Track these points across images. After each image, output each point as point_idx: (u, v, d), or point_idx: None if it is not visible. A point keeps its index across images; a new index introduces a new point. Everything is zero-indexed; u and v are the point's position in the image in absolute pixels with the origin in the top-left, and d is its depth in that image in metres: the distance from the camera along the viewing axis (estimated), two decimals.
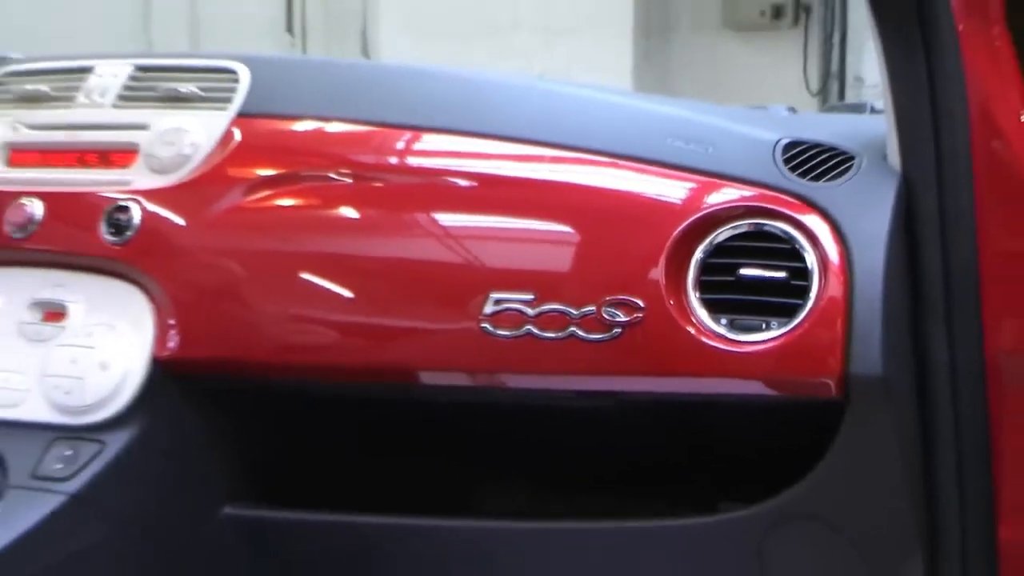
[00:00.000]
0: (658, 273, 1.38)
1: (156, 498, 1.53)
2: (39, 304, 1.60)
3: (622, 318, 1.38)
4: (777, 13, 6.34)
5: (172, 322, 1.54)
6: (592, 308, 1.38)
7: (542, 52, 5.92)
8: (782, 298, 1.36)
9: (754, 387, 1.36)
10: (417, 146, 1.56)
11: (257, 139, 1.60)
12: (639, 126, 1.51)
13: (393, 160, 1.56)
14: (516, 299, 1.41)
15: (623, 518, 1.48)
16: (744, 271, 1.37)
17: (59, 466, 1.49)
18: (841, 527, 1.37)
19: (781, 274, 1.37)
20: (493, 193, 1.50)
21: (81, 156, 1.65)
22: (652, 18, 6.31)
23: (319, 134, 1.61)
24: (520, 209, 1.47)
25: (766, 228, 1.39)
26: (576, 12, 6.07)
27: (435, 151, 1.55)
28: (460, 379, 1.48)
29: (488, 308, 1.42)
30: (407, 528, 1.54)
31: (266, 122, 1.61)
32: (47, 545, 1.45)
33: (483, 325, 1.42)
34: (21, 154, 1.69)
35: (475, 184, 1.51)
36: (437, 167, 1.54)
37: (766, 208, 1.39)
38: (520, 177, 1.50)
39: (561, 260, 1.43)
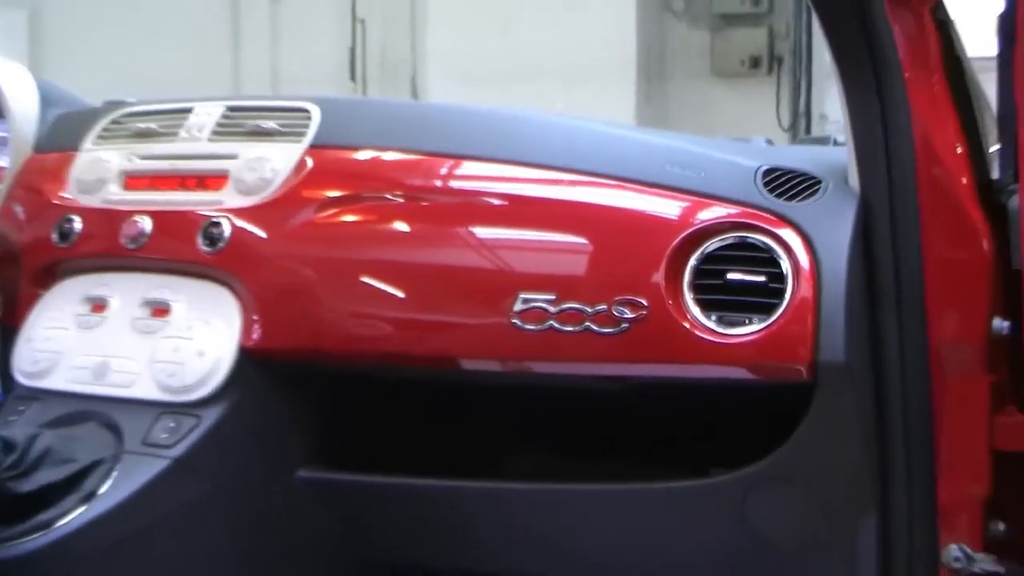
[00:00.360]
0: (659, 277, 1.39)
1: (242, 462, 1.55)
2: (148, 303, 1.61)
3: (629, 315, 1.39)
4: (755, 63, 6.37)
5: (256, 317, 1.56)
6: (604, 306, 1.40)
7: (562, 95, 5.91)
8: (762, 298, 1.37)
9: (739, 372, 1.38)
10: (458, 171, 1.57)
11: (326, 166, 1.61)
12: (642, 155, 1.51)
13: (438, 183, 1.57)
14: (540, 299, 1.42)
15: (632, 480, 1.48)
16: (731, 275, 1.39)
17: (164, 435, 1.51)
18: (810, 488, 1.38)
19: (761, 278, 1.38)
20: (521, 210, 1.51)
21: (182, 181, 1.67)
22: (652, 68, 6.31)
23: (377, 162, 1.62)
24: (543, 224, 1.48)
25: (749, 240, 1.40)
26: (590, 62, 6.06)
27: (473, 175, 1.56)
28: (493, 365, 1.49)
29: (517, 306, 1.43)
30: (447, 489, 1.55)
31: (333, 152, 1.62)
32: (156, 499, 1.47)
33: (513, 321, 1.43)
34: (134, 180, 1.71)
35: (506, 203, 1.52)
36: (474, 188, 1.55)
37: (749, 223, 1.40)
38: (543, 197, 1.51)
39: (578, 266, 1.44)
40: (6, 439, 1.44)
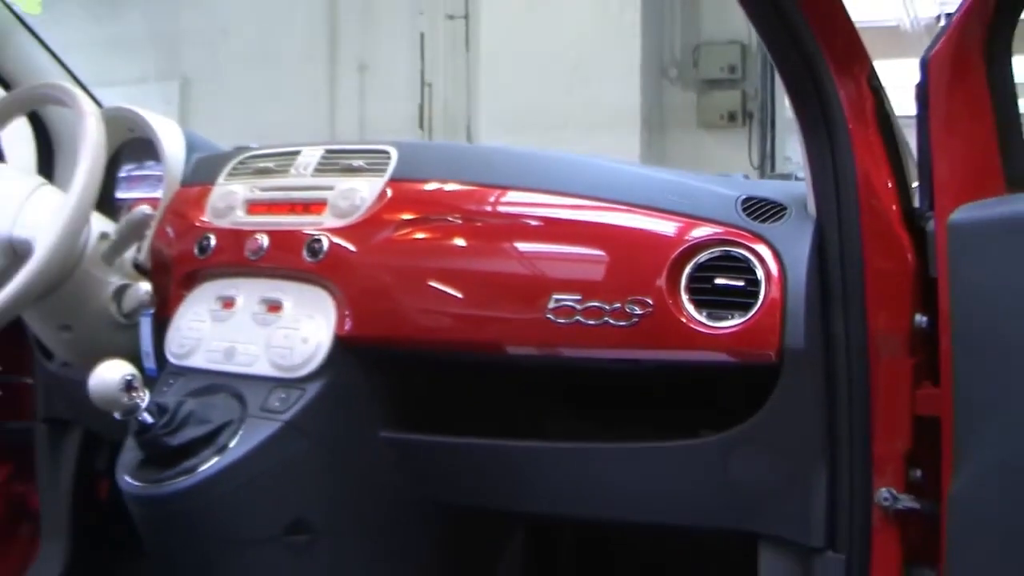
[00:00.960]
0: (661, 282, 1.37)
1: (337, 424, 1.53)
2: (265, 301, 1.59)
3: (638, 311, 1.36)
4: (732, 117, 6.39)
5: (347, 312, 1.53)
6: (619, 304, 1.37)
7: (583, 140, 5.91)
8: (741, 298, 1.34)
9: (723, 356, 1.35)
10: (504, 198, 1.54)
11: (401, 195, 1.59)
12: (648, 186, 1.49)
13: (488, 208, 1.54)
14: (569, 298, 1.40)
15: (640, 440, 1.46)
16: (717, 280, 1.36)
17: (277, 403, 1.49)
18: (776, 446, 1.35)
19: (741, 283, 1.35)
20: (553, 229, 1.49)
21: (292, 207, 1.65)
22: (652, 120, 6.31)
23: (441, 191, 1.59)
24: (571, 239, 1.46)
25: (731, 253, 1.37)
26: (604, 115, 6.07)
27: (516, 202, 1.53)
28: (532, 351, 1.46)
29: (551, 304, 1.41)
30: (496, 447, 1.53)
31: (407, 184, 1.60)
32: (271, 452, 1.47)
33: (547, 316, 1.41)
34: (255, 206, 1.69)
35: (542, 223, 1.49)
36: (517, 212, 1.52)
37: (731, 239, 1.37)
38: (571, 218, 1.48)
39: (598, 273, 1.41)
40: (160, 404, 1.45)
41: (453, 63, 7.12)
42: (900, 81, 1.72)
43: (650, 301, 1.37)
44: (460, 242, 1.52)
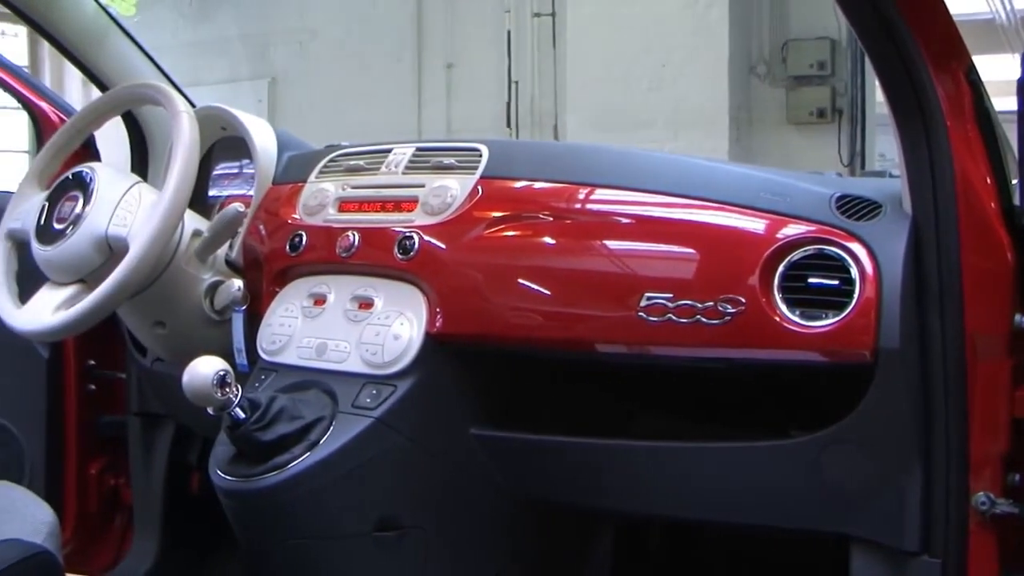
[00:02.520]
0: (754, 280, 1.35)
1: (427, 421, 1.54)
2: (356, 298, 1.61)
3: (731, 310, 1.35)
4: (821, 114, 6.28)
5: (438, 309, 1.55)
6: (711, 303, 1.36)
7: (671, 139, 5.88)
8: (835, 297, 1.33)
9: (817, 356, 1.33)
10: (595, 196, 1.53)
11: (492, 193, 1.59)
12: (741, 184, 1.47)
13: (579, 205, 1.53)
14: (661, 297, 1.39)
15: (729, 440, 1.45)
16: (811, 279, 1.35)
17: (368, 400, 1.51)
18: (870, 447, 1.34)
19: (835, 282, 1.33)
20: (645, 227, 1.48)
21: (383, 205, 1.66)
22: (740, 118, 6.24)
23: (531, 189, 1.59)
24: (663, 238, 1.45)
25: (826, 251, 1.35)
26: (692, 114, 6.02)
27: (607, 200, 1.53)
28: (621, 349, 1.46)
29: (643, 303, 1.40)
30: (584, 444, 1.53)
31: (498, 182, 1.61)
32: (362, 448, 1.48)
33: (639, 314, 1.40)
34: (346, 204, 1.71)
35: (633, 221, 1.48)
36: (608, 210, 1.52)
37: (825, 238, 1.36)
38: (663, 217, 1.47)
39: (690, 271, 1.40)
40: (252, 400, 1.46)
41: (540, 61, 7.12)
42: (995, 77, 1.69)
43: (743, 300, 1.36)
44: (551, 240, 1.52)
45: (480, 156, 1.64)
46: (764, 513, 1.44)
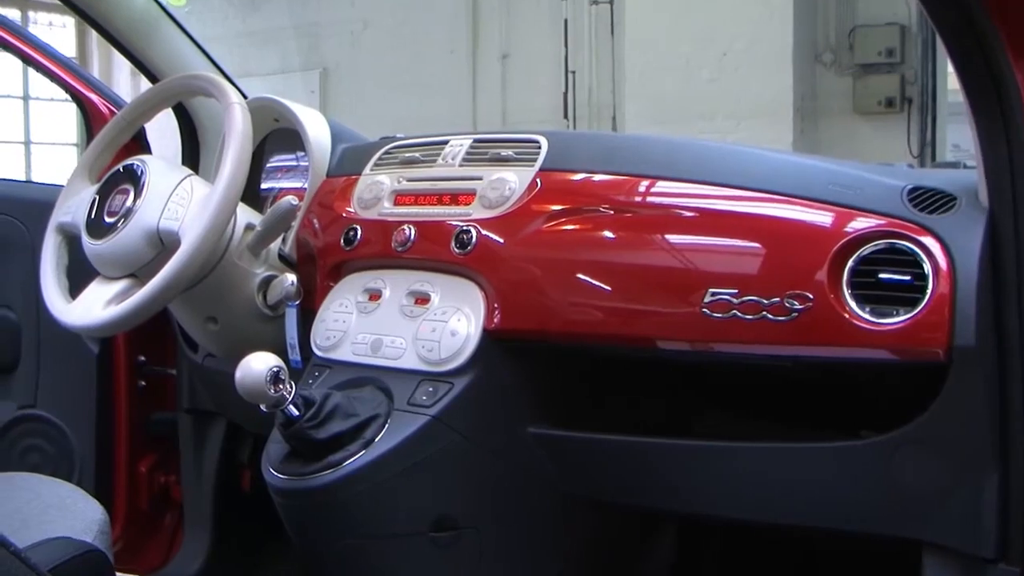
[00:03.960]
0: (822, 275, 1.34)
1: (484, 419, 1.54)
2: (413, 293, 1.62)
3: (798, 306, 1.34)
4: (890, 103, 6.23)
5: (496, 305, 1.55)
6: (777, 299, 1.35)
7: (733, 130, 5.84)
8: (907, 293, 1.31)
9: (887, 355, 1.32)
10: (656, 189, 1.53)
11: (552, 185, 1.59)
12: (808, 176, 1.46)
13: (640, 199, 1.53)
14: (726, 292, 1.38)
15: (794, 440, 1.44)
16: (882, 275, 1.33)
17: (424, 397, 1.51)
18: (944, 448, 1.32)
19: (907, 277, 1.32)
20: (709, 221, 1.46)
21: (439, 198, 1.67)
22: (805, 108, 6.19)
23: (591, 182, 1.59)
24: (728, 232, 1.44)
25: (897, 246, 1.33)
26: (755, 104, 5.99)
27: (669, 192, 1.52)
28: (684, 346, 1.45)
29: (707, 299, 1.39)
30: (642, 444, 1.52)
31: (557, 174, 1.61)
32: (418, 447, 1.48)
33: (703, 310, 1.40)
34: (402, 197, 1.72)
35: (696, 215, 1.48)
36: (670, 203, 1.51)
37: (897, 232, 1.34)
38: (727, 210, 1.46)
39: (756, 266, 1.39)
40: (306, 397, 1.47)
41: (598, 50, 7.12)
42: None
43: (810, 296, 1.35)
44: (611, 234, 1.52)
45: (539, 148, 1.64)
46: (831, 516, 1.43)
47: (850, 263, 1.35)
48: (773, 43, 6.09)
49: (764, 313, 1.36)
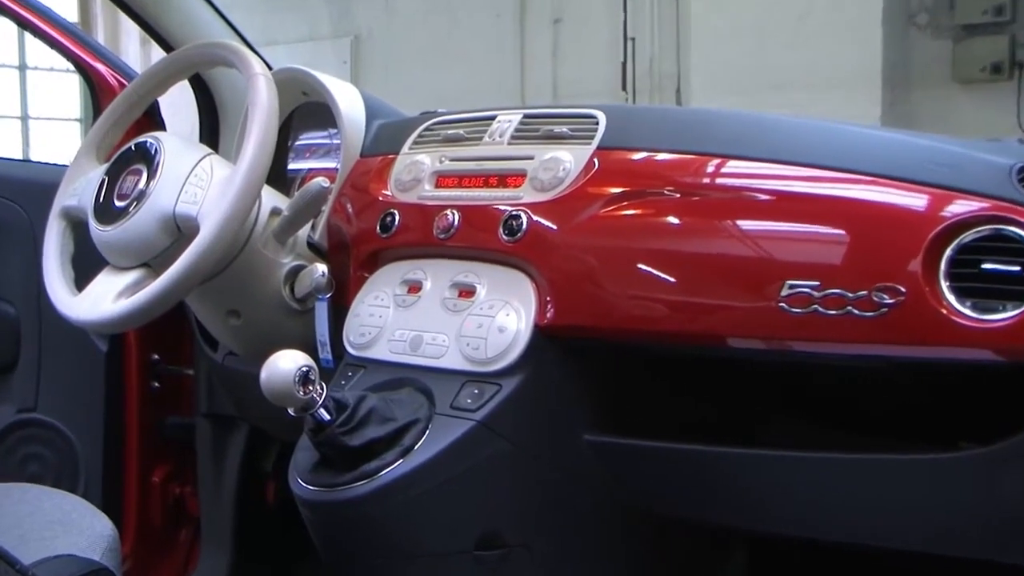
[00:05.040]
0: (916, 266, 1.33)
1: (535, 426, 1.55)
2: (456, 285, 1.63)
3: (888, 300, 1.33)
4: (996, 70, 6.07)
5: (548, 298, 1.56)
6: (864, 292, 1.34)
7: (813, 103, 5.80)
8: (1016, 286, 1.29)
9: (992, 355, 1.31)
10: (727, 169, 1.53)
11: (611, 166, 1.60)
12: (899, 153, 1.46)
13: (709, 180, 1.53)
14: (805, 285, 1.38)
15: (883, 451, 1.43)
16: (985, 265, 1.31)
17: (469, 400, 1.52)
18: None
19: (1016, 268, 1.30)
20: (786, 205, 1.46)
21: (486, 179, 1.69)
22: (896, 77, 6.12)
23: (654, 162, 1.59)
24: (807, 217, 1.43)
25: (1004, 232, 1.31)
26: (836, 73, 5.94)
27: (741, 173, 1.52)
28: (757, 344, 1.45)
29: (784, 292, 1.39)
30: (709, 453, 1.53)
31: (617, 153, 1.61)
32: (461, 455, 1.49)
33: (780, 304, 1.39)
34: (444, 179, 1.74)
35: (772, 198, 1.47)
36: (742, 185, 1.51)
37: (1004, 216, 1.32)
38: (806, 193, 1.46)
39: (840, 256, 1.38)
40: (338, 400, 1.48)
41: (660, 15, 7.09)
42: None
43: (902, 289, 1.34)
44: (677, 219, 1.52)
45: (596, 124, 1.65)
46: (924, 538, 1.43)
47: (948, 252, 1.34)
48: (858, 3, 6.04)
49: (849, 308, 1.36)
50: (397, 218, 1.74)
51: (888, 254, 1.36)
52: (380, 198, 1.79)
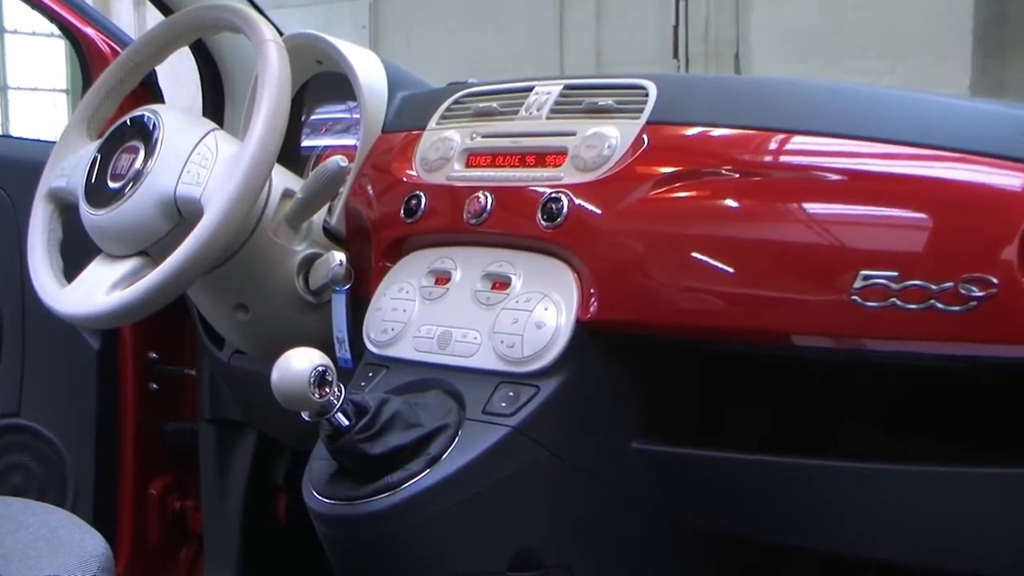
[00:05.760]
0: (1011, 253, 1.32)
1: (578, 433, 1.56)
2: (489, 276, 1.64)
3: (977, 293, 1.32)
4: None
5: (592, 291, 1.56)
6: (950, 284, 1.34)
7: (889, 70, 5.78)
8: None
9: None
10: (793, 146, 1.53)
11: (662, 142, 1.60)
12: (991, 126, 1.45)
13: (772, 158, 1.53)
14: (882, 276, 1.37)
15: (977, 465, 1.43)
16: None
17: (503, 404, 1.53)
18: None
19: None
20: (860, 185, 1.46)
21: (522, 158, 1.69)
22: (989, 38, 6.06)
23: (712, 138, 1.60)
24: (884, 199, 1.43)
25: None
26: (919, 36, 5.90)
27: (808, 150, 1.52)
28: (826, 342, 1.45)
29: (857, 283, 1.38)
30: (773, 464, 1.53)
31: (670, 128, 1.62)
32: (495, 465, 1.50)
33: (852, 298, 1.39)
34: (476, 157, 1.75)
35: (844, 178, 1.47)
36: (810, 163, 1.51)
37: None
38: (883, 172, 1.45)
39: (922, 243, 1.38)
40: (358, 403, 1.49)
41: None
42: None
43: (994, 280, 1.33)
44: (736, 203, 1.52)
45: (646, 96, 1.66)
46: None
47: None
48: None
49: (932, 302, 1.36)
50: (423, 201, 1.75)
51: (978, 241, 1.35)
52: (404, 179, 1.80)
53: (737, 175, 1.53)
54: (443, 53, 7.31)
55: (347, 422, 1.47)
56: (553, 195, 1.61)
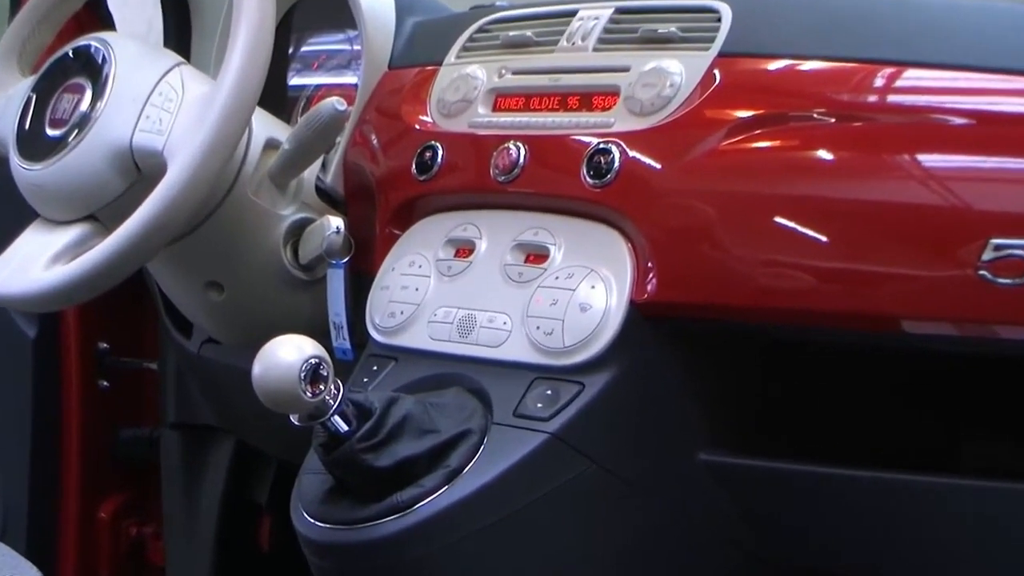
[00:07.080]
0: None
1: (632, 441, 1.55)
2: (522, 246, 1.63)
3: None
4: None
5: (650, 265, 1.55)
6: None
7: None
8: None
9: None
10: (905, 83, 1.51)
11: (738, 79, 1.59)
12: None
13: (879, 98, 1.52)
14: (1018, 245, 1.35)
15: None
16: None
17: (539, 405, 1.52)
18: None
19: None
20: (992, 132, 1.43)
21: (563, 100, 1.68)
22: None
23: (802, 73, 1.58)
24: (1022, 150, 1.41)
25: None
26: None
27: (924, 88, 1.50)
28: (947, 329, 1.43)
29: (986, 255, 1.36)
30: (887, 483, 1.51)
31: (748, 61, 1.60)
32: (529, 480, 1.49)
33: (980, 272, 1.36)
34: (506, 99, 1.74)
35: (972, 122, 1.45)
36: (928, 104, 1.49)
37: None
38: (1022, 113, 1.44)
39: None
40: (359, 404, 1.48)
41: None
42: None
43: None
44: (832, 155, 1.51)
45: (718, 20, 1.64)
46: None
47: None
48: None
49: None
50: (440, 153, 1.74)
51: None
52: (417, 126, 1.79)
53: (833, 120, 1.52)
54: None
55: (346, 427, 1.46)
56: (601, 145, 1.60)
